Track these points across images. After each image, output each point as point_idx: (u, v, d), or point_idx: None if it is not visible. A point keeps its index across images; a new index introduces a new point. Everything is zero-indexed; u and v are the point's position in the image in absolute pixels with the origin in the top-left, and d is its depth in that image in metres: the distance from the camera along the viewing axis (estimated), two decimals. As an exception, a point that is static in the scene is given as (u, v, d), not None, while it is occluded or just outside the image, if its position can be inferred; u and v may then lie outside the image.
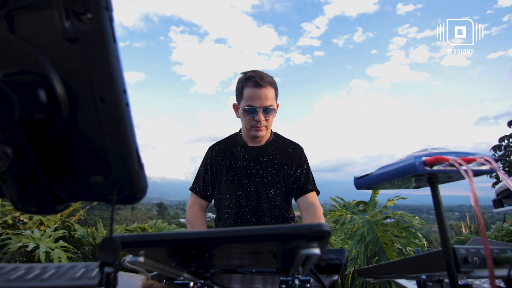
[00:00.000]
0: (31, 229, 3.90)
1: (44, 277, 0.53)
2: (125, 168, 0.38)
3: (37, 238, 3.51)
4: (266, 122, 1.49)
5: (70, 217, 5.42)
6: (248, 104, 1.45)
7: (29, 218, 4.23)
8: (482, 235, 0.48)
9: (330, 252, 0.66)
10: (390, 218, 3.34)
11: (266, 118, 1.48)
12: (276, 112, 1.53)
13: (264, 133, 1.52)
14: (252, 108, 1.45)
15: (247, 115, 1.48)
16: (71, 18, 0.35)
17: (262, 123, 1.47)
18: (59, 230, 3.99)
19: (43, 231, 3.84)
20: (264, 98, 1.44)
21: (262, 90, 1.43)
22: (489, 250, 0.49)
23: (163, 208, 51.07)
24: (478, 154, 0.55)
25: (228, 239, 0.40)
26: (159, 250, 0.47)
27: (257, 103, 1.44)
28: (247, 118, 1.49)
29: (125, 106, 0.36)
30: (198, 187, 1.59)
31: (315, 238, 0.38)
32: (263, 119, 1.46)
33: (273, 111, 1.50)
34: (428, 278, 0.68)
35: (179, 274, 0.58)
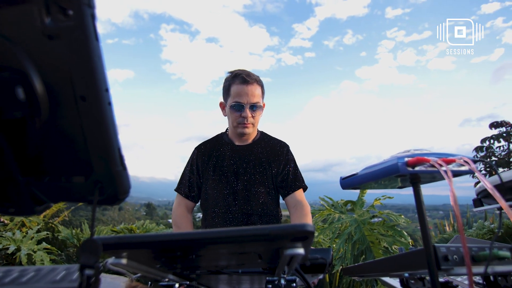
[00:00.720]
0: (12, 230, 3.78)
1: (23, 280, 0.51)
2: (107, 168, 0.37)
3: (19, 240, 3.41)
4: (253, 119, 1.49)
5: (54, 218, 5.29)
6: (235, 100, 1.45)
7: (10, 219, 4.10)
8: (460, 234, 0.50)
9: (316, 252, 0.67)
10: (377, 217, 3.40)
11: (253, 115, 1.48)
12: (262, 110, 1.54)
13: (251, 131, 1.52)
14: (239, 105, 1.45)
15: (234, 112, 1.48)
16: (52, 14, 0.34)
17: (249, 119, 1.47)
18: (42, 232, 3.88)
19: (25, 233, 3.73)
20: (251, 94, 1.44)
21: (249, 87, 1.44)
22: (467, 249, 0.50)
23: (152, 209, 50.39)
24: (458, 156, 0.57)
25: (212, 240, 0.40)
26: (142, 251, 0.46)
27: (244, 99, 1.44)
28: (234, 115, 1.49)
29: (107, 105, 0.36)
30: (183, 188, 1.58)
31: (299, 238, 0.38)
32: (250, 116, 1.46)
33: (260, 108, 1.50)
34: (411, 276, 0.70)
35: (164, 275, 0.57)
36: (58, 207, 5.39)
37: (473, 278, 0.88)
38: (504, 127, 11.18)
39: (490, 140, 11.37)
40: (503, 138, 11.11)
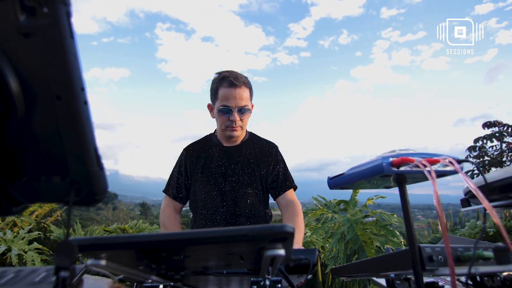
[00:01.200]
0: (3, 230, 3.73)
1: (1, 282, 0.50)
2: (83, 168, 0.37)
3: (9, 240, 3.37)
4: (241, 122, 1.48)
5: (46, 218, 5.24)
6: (223, 104, 1.44)
7: (2, 219, 4.05)
8: (443, 235, 0.50)
9: (301, 252, 0.67)
10: (370, 216, 3.42)
11: (241, 118, 1.47)
12: (251, 112, 1.53)
13: (239, 133, 1.52)
14: (227, 108, 1.44)
15: (222, 115, 1.47)
16: (27, 11, 0.34)
17: (237, 123, 1.46)
18: (34, 232, 3.84)
19: (16, 233, 3.68)
20: (239, 98, 1.43)
21: (237, 90, 1.43)
22: (450, 249, 0.50)
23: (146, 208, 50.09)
24: (442, 156, 0.57)
25: (190, 241, 0.39)
26: (123, 252, 0.46)
27: (232, 103, 1.43)
28: (222, 118, 1.48)
29: (83, 105, 0.35)
30: (171, 189, 1.57)
31: (279, 239, 0.38)
32: (238, 119, 1.46)
33: (248, 111, 1.49)
34: (397, 276, 0.70)
35: (147, 277, 0.57)
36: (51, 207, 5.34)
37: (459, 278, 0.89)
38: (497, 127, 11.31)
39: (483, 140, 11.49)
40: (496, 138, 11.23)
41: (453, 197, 0.99)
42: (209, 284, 0.77)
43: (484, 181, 0.57)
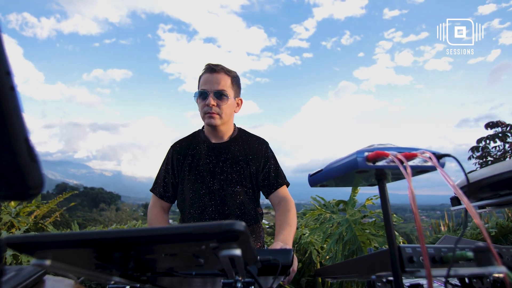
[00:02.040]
0: (0, 231, 3.72)
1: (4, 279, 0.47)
2: (13, 161, 0.33)
3: (6, 240, 3.35)
4: (218, 108, 1.43)
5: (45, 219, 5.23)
6: (201, 88, 1.43)
7: (-1, 219, 4.04)
8: (419, 235, 0.46)
9: (274, 253, 0.63)
10: (368, 217, 3.37)
11: (218, 103, 1.42)
12: (232, 101, 1.47)
13: (219, 122, 1.45)
14: (203, 92, 1.42)
15: (201, 101, 1.44)
16: None
17: (213, 108, 1.41)
18: (30, 233, 3.82)
19: (12, 234, 3.67)
20: (216, 82, 1.41)
21: (215, 75, 1.41)
22: (425, 249, 0.47)
23: (149, 209, 49.98)
24: (420, 150, 0.53)
25: (137, 239, 0.36)
26: (73, 252, 0.43)
27: (208, 86, 1.41)
28: (200, 104, 1.45)
29: (9, 90, 0.32)
30: (158, 188, 1.53)
31: (230, 237, 0.35)
32: (213, 103, 1.41)
33: (226, 98, 1.43)
34: (378, 278, 0.66)
35: (107, 278, 0.54)
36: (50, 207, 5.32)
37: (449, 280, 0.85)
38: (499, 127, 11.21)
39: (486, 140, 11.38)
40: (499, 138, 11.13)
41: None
42: (183, 285, 0.74)
43: (466, 180, 0.53)
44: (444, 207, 10.41)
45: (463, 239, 1.16)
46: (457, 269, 0.50)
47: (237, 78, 1.50)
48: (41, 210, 4.89)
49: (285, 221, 1.33)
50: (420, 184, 23.62)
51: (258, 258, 0.49)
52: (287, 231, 1.27)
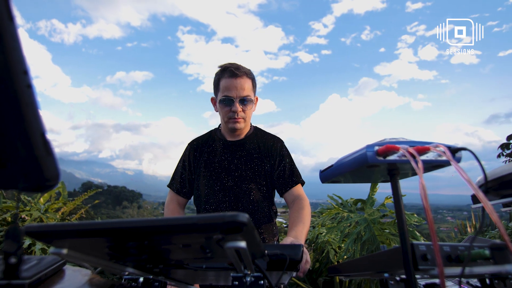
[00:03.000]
0: (30, 226, 3.93)
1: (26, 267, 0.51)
2: (31, 154, 0.36)
3: (35, 235, 3.54)
4: (244, 113, 1.44)
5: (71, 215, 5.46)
6: (225, 95, 1.42)
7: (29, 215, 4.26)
8: (430, 231, 0.45)
9: (283, 248, 0.63)
10: (388, 216, 3.28)
11: (243, 109, 1.44)
12: (254, 104, 1.49)
13: (243, 125, 1.48)
14: (228, 99, 1.41)
15: (224, 107, 1.44)
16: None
17: (239, 114, 1.43)
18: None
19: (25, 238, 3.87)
20: (241, 88, 1.40)
21: (238, 80, 1.40)
22: (437, 246, 0.45)
23: (169, 207, 51.06)
24: (434, 143, 0.52)
25: (145, 229, 0.38)
26: (88, 241, 0.45)
27: (233, 93, 1.40)
28: (224, 110, 1.45)
29: (25, 88, 0.34)
30: (175, 184, 1.57)
31: (233, 229, 0.36)
32: (240, 110, 1.42)
33: (251, 102, 1.45)
34: (391, 276, 0.65)
35: (121, 268, 0.56)
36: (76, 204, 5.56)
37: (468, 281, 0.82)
38: (532, 123, 10.54)
39: (517, 136, 10.76)
40: (532, 134, 10.48)
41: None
42: (196, 279, 0.75)
43: (483, 174, 0.51)
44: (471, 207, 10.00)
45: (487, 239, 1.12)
46: (473, 268, 0.48)
47: (254, 77, 1.50)
48: (67, 206, 5.12)
49: (298, 218, 1.33)
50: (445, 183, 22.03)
51: (265, 252, 0.49)
52: (299, 227, 1.26)
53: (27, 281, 0.46)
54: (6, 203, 4.36)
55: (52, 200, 4.87)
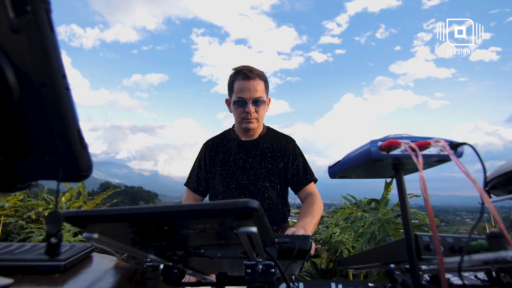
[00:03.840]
0: (53, 223, 4.11)
1: (17, 250, 0.58)
2: (68, 148, 0.41)
3: (58, 232, 3.71)
4: (257, 114, 1.50)
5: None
6: (238, 96, 1.47)
7: (51, 213, 4.47)
8: (430, 222, 0.48)
9: (293, 238, 0.67)
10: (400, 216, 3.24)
11: (256, 110, 1.49)
12: (266, 105, 1.54)
13: (256, 126, 1.53)
14: (242, 100, 1.47)
15: (238, 108, 1.50)
16: (16, 10, 0.39)
17: (252, 114, 1.48)
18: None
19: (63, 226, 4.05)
20: (254, 89, 1.45)
21: (251, 82, 1.45)
22: (436, 235, 0.48)
23: (183, 207, 51.76)
24: (434, 138, 0.54)
25: (165, 214, 0.42)
26: (116, 227, 0.50)
27: (246, 95, 1.46)
28: (238, 110, 1.51)
29: (64, 90, 0.39)
30: (192, 182, 1.63)
31: (245, 214, 0.40)
32: (253, 111, 1.48)
33: (263, 103, 1.51)
34: (397, 267, 0.67)
35: (143, 254, 0.61)
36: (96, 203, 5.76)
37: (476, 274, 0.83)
38: (556, 122, 10.17)
39: (540, 136, 10.36)
40: (556, 133, 10.07)
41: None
42: (212, 268, 0.80)
43: (483, 170, 0.53)
44: (492, 209, 9.67)
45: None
46: (472, 256, 0.50)
47: (267, 79, 1.55)
48: (87, 205, 5.31)
49: (308, 211, 1.37)
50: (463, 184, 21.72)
51: (275, 240, 0.53)
52: (308, 219, 1.31)
53: (63, 263, 0.52)
54: (30, 201, 4.58)
55: (72, 199, 5.08)
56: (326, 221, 4.63)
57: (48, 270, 0.51)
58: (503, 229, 0.45)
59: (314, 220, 1.33)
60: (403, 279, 0.66)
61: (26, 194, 4.85)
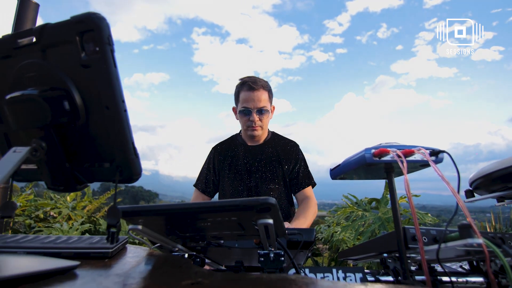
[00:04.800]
0: (60, 222, 4.24)
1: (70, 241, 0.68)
2: (124, 157, 0.52)
3: (66, 231, 3.82)
4: (261, 122, 1.62)
5: (96, 213, 5.79)
6: (243, 106, 1.60)
7: (58, 213, 4.59)
8: (413, 216, 0.59)
9: (299, 230, 0.77)
10: (402, 215, 3.36)
11: (260, 118, 1.62)
12: (270, 113, 1.66)
13: (260, 133, 1.66)
14: (247, 110, 1.60)
15: (243, 117, 1.63)
16: (85, 50, 0.50)
17: (256, 123, 1.61)
18: (85, 224, 4.30)
19: (71, 225, 4.16)
20: (257, 100, 1.58)
21: (255, 93, 1.58)
22: (418, 226, 0.59)
23: (184, 207, 51.95)
24: (417, 147, 0.65)
25: (200, 209, 0.53)
26: (153, 220, 0.61)
27: (251, 105, 1.58)
28: (243, 119, 1.64)
29: (123, 112, 0.50)
30: (201, 184, 1.76)
31: (264, 209, 0.50)
32: (257, 120, 1.60)
33: (267, 112, 1.63)
34: (389, 255, 0.78)
35: (174, 245, 0.72)
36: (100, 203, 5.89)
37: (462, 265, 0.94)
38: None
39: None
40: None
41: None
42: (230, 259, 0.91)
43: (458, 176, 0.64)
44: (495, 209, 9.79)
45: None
46: (447, 244, 0.61)
47: (271, 88, 1.67)
48: (92, 205, 5.45)
49: (302, 214, 1.50)
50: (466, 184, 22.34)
51: (286, 232, 0.64)
52: (301, 220, 1.44)
53: (110, 250, 0.63)
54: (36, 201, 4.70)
55: (78, 199, 5.21)
56: (327, 220, 4.74)
57: (100, 255, 0.62)
58: (471, 221, 0.56)
59: (307, 222, 1.46)
60: (394, 266, 0.76)
61: (34, 194, 4.97)
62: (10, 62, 0.56)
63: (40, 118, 0.52)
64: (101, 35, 0.48)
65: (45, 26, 0.52)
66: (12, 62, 0.56)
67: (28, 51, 0.54)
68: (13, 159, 0.50)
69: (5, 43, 0.56)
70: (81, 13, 0.49)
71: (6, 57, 0.56)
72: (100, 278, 0.49)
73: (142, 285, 0.46)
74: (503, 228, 6.26)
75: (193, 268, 0.54)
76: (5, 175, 0.48)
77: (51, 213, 4.69)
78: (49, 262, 0.51)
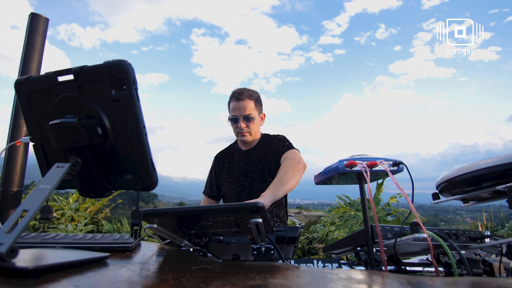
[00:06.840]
0: (64, 224, 4.37)
1: (96, 237, 0.83)
2: (144, 170, 0.66)
3: (70, 231, 3.96)
4: (248, 128, 1.80)
5: (98, 214, 5.93)
6: (232, 115, 1.81)
7: (61, 215, 4.73)
8: (373, 215, 0.73)
9: (287, 228, 0.92)
10: (393, 215, 3.51)
11: (247, 125, 1.79)
12: (257, 120, 1.81)
13: (249, 138, 1.83)
14: (234, 118, 1.80)
15: (233, 124, 1.84)
16: (115, 88, 0.64)
17: (244, 129, 1.79)
18: (89, 225, 4.43)
19: (74, 226, 4.30)
20: (243, 108, 1.76)
21: (241, 103, 1.77)
22: (379, 226, 0.73)
23: (183, 207, 52.08)
24: (380, 159, 0.80)
25: (204, 211, 0.67)
26: (166, 220, 0.75)
27: (237, 113, 1.78)
28: (233, 126, 1.85)
29: (144, 135, 0.65)
30: (207, 190, 1.98)
31: (255, 210, 0.65)
32: (244, 126, 1.78)
33: (253, 119, 1.79)
34: (362, 249, 0.93)
35: (181, 240, 0.86)
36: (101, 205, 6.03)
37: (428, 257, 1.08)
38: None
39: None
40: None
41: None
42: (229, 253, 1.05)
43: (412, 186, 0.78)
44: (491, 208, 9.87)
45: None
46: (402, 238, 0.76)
47: (259, 98, 1.84)
48: (94, 206, 5.58)
49: (277, 177, 1.48)
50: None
51: (274, 229, 0.79)
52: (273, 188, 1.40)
53: (130, 245, 0.78)
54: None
55: (80, 201, 5.35)
56: (322, 219, 4.89)
57: (122, 249, 0.77)
58: (418, 219, 0.70)
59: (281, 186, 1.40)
60: (366, 257, 0.91)
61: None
62: (50, 94, 0.71)
63: (78, 140, 0.66)
64: (128, 78, 0.62)
65: (83, 68, 0.66)
66: (52, 94, 0.70)
67: (66, 86, 0.69)
68: (58, 173, 0.64)
69: (47, 79, 0.70)
70: (113, 60, 0.63)
71: (48, 90, 0.71)
72: (127, 265, 0.63)
73: (160, 269, 0.60)
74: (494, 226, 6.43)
75: (199, 258, 0.69)
76: (54, 186, 0.62)
77: (55, 214, 4.82)
78: (86, 254, 0.65)
